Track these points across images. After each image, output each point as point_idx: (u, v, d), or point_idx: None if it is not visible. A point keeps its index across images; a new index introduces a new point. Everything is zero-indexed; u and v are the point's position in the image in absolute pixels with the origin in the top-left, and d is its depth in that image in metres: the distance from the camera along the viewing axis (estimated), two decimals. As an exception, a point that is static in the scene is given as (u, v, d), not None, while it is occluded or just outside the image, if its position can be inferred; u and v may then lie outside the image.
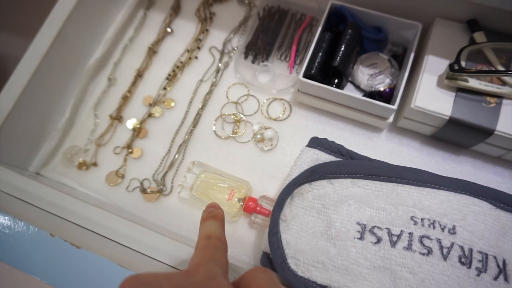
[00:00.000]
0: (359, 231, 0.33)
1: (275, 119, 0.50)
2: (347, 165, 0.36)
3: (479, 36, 0.42)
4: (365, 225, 0.33)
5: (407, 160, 0.46)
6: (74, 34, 0.49)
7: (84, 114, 0.52)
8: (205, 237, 0.23)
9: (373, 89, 0.47)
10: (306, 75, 0.44)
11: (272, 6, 0.53)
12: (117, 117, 0.52)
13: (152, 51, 0.54)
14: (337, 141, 0.47)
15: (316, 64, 0.44)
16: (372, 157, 0.47)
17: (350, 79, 0.49)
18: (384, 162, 0.38)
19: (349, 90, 0.49)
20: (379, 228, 0.33)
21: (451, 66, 0.40)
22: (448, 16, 0.45)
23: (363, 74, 0.48)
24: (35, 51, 0.46)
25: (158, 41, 0.55)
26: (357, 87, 0.49)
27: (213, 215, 0.26)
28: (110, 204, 0.48)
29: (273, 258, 0.33)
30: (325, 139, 0.40)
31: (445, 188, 0.34)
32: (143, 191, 0.48)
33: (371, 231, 0.33)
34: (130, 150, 0.50)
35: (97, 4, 0.51)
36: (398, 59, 0.49)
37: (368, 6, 0.46)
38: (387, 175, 0.35)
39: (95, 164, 0.50)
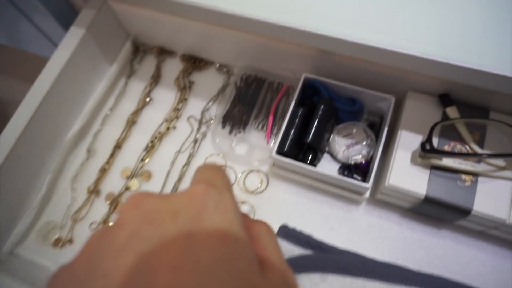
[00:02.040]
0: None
1: (252, 192, 0.49)
2: (316, 259, 0.35)
3: (452, 111, 0.42)
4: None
5: (387, 235, 0.45)
6: (53, 109, 0.49)
7: (61, 187, 0.52)
8: (202, 180, 0.18)
9: (349, 161, 0.47)
10: (279, 152, 0.44)
11: (250, 75, 0.54)
12: (95, 191, 0.51)
13: (131, 121, 0.55)
14: (315, 215, 0.47)
15: (289, 140, 0.44)
16: (352, 232, 0.46)
17: (327, 149, 0.48)
18: (355, 254, 0.37)
19: (326, 161, 0.48)
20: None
21: (422, 146, 0.39)
22: (420, 90, 0.44)
23: (340, 145, 0.47)
24: (12, 130, 0.46)
25: (138, 111, 0.55)
26: (334, 158, 0.48)
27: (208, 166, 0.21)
28: None
29: None
30: (294, 229, 0.39)
31: (417, 285, 0.33)
32: (118, 269, 0.47)
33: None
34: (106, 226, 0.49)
35: (79, 76, 0.52)
36: (376, 128, 0.48)
37: (341, 79, 0.46)
38: (357, 270, 0.34)
39: (70, 241, 0.49)
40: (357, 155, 0.46)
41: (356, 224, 0.46)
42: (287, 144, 0.44)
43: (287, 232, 0.38)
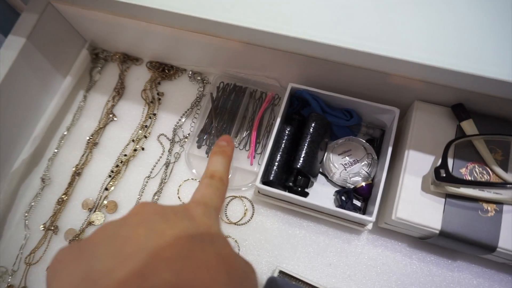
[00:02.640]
0: None
1: (235, 223, 0.42)
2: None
3: (469, 126, 0.35)
4: None
5: (394, 269, 0.39)
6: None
7: (12, 225, 0.44)
8: (210, 175, 0.25)
9: (347, 185, 0.40)
10: (264, 181, 0.37)
11: (228, 84, 0.46)
12: (52, 227, 0.44)
13: (92, 143, 0.47)
14: (309, 248, 0.40)
15: (276, 167, 0.37)
16: (353, 267, 0.39)
17: (321, 170, 0.41)
18: None
19: (320, 184, 0.41)
20: None
21: (436, 172, 0.32)
22: (429, 100, 0.37)
23: (335, 165, 0.40)
24: None
25: (100, 130, 0.48)
26: (330, 180, 0.41)
27: (222, 150, 0.27)
28: None
29: None
30: (282, 281, 0.32)
31: None
32: (81, 322, 0.40)
33: None
34: (66, 269, 0.42)
35: (24, 93, 0.43)
36: (376, 143, 0.41)
37: (334, 90, 0.39)
38: None
39: (24, 289, 0.42)
40: (356, 177, 0.40)
41: (358, 257, 0.40)
42: (273, 171, 0.37)
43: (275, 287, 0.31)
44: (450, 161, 0.34)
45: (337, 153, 0.41)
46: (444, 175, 0.32)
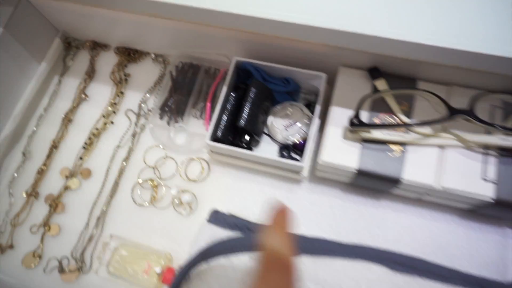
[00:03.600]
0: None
1: (193, 181, 0.48)
2: (244, 240, 0.35)
3: (380, 84, 0.42)
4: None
5: (328, 211, 0.45)
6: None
7: (-2, 194, 0.50)
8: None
9: (287, 141, 0.46)
10: (213, 139, 0.43)
11: (185, 63, 0.53)
12: (33, 193, 0.50)
13: (67, 120, 0.53)
14: (256, 198, 0.47)
15: (223, 126, 0.44)
16: (296, 210, 0.46)
17: (266, 131, 0.48)
18: None
19: (266, 143, 0.48)
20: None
21: (351, 122, 0.39)
22: (351, 65, 0.44)
23: (277, 126, 0.47)
24: None
25: (74, 109, 0.54)
26: (274, 139, 0.48)
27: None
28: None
29: None
30: (222, 214, 0.39)
31: (341, 256, 0.33)
32: (61, 271, 0.46)
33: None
34: (47, 228, 0.48)
35: (3, 78, 0.49)
36: (312, 106, 0.48)
37: (274, 61, 0.46)
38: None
39: (11, 247, 0.48)
40: (296, 134, 0.46)
41: (299, 203, 0.46)
42: (221, 130, 0.43)
43: (217, 217, 0.38)
44: (366, 114, 0.41)
45: (279, 116, 0.48)
46: (356, 122, 0.39)
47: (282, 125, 0.47)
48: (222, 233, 0.37)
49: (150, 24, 0.49)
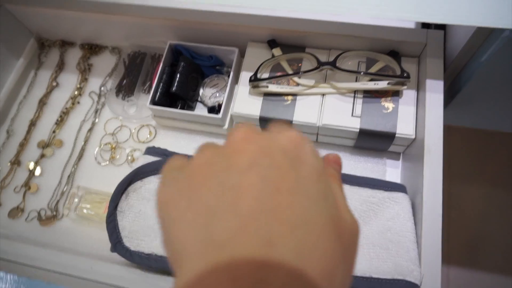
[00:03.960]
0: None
1: (143, 142, 0.60)
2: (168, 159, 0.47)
3: (276, 51, 0.55)
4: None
5: (248, 156, 0.57)
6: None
7: (-13, 164, 0.62)
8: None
9: (214, 104, 0.59)
10: (152, 102, 0.56)
11: (135, 52, 0.65)
12: (16, 162, 0.62)
13: (42, 103, 0.65)
14: (193, 151, 0.58)
15: (159, 93, 0.56)
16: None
17: (200, 100, 0.60)
18: None
19: (199, 109, 0.60)
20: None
21: (250, 78, 0.52)
22: (256, 39, 0.57)
23: (207, 94, 0.59)
24: None
25: (47, 94, 0.66)
26: (206, 105, 0.60)
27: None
28: (12, 236, 0.57)
29: (110, 240, 0.43)
30: (155, 147, 0.51)
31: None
32: (40, 219, 0.57)
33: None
34: (27, 187, 0.60)
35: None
36: (235, 78, 0.60)
37: (197, 41, 0.58)
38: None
39: (-1, 204, 0.59)
40: (220, 98, 0.59)
41: (226, 153, 0.58)
42: (157, 96, 0.56)
43: (151, 150, 0.50)
44: (266, 75, 0.54)
45: (208, 86, 0.60)
46: (253, 78, 0.51)
47: (211, 93, 0.60)
48: (153, 159, 0.49)
49: (106, 22, 0.62)
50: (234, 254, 0.15)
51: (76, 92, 0.65)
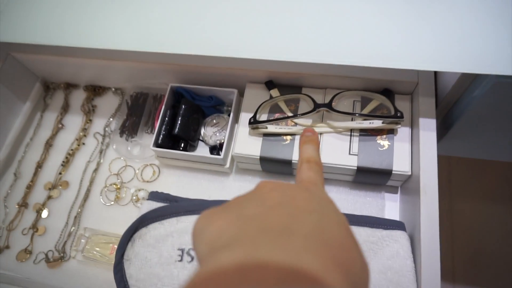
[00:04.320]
0: (179, 255, 0.44)
1: (147, 181, 0.62)
2: (171, 207, 0.48)
3: (274, 92, 0.57)
4: (183, 249, 0.45)
5: (250, 193, 0.59)
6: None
7: (-5, 207, 0.64)
8: (306, 160, 0.28)
9: (216, 143, 0.61)
10: (155, 145, 0.57)
11: (138, 93, 0.68)
12: (23, 204, 0.63)
13: (48, 145, 0.67)
14: (195, 189, 0.60)
15: (161, 135, 0.58)
16: (225, 196, 0.59)
17: (202, 139, 0.62)
18: (199, 199, 0.51)
19: (202, 148, 0.62)
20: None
21: (249, 121, 0.53)
22: (254, 81, 0.59)
23: (208, 133, 0.61)
24: None
25: (53, 136, 0.68)
26: (207, 144, 0.62)
27: (310, 139, 0.31)
28: (21, 279, 0.58)
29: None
30: (158, 192, 0.52)
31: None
32: (47, 261, 0.58)
33: (188, 252, 0.44)
34: (35, 229, 0.61)
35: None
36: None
37: (198, 83, 0.61)
38: (199, 209, 0.47)
39: (7, 247, 0.61)
40: (221, 137, 0.60)
41: (229, 190, 0.60)
42: (161, 138, 0.58)
43: (154, 195, 0.52)
44: (265, 116, 0.56)
45: (210, 125, 0.62)
46: (252, 121, 0.53)
47: (212, 132, 0.61)
48: (156, 205, 0.50)
49: (108, 66, 0.65)
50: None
51: (81, 133, 0.67)
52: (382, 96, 0.53)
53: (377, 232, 0.46)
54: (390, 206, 0.55)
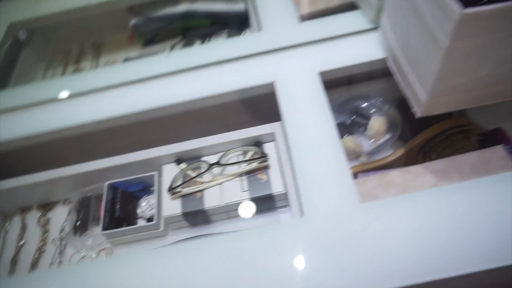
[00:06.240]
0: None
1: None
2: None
3: (182, 165, 0.78)
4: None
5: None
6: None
7: None
8: None
9: (151, 216, 0.79)
10: (103, 229, 0.75)
11: (82, 197, 0.85)
12: (2, 315, 0.74)
13: (14, 262, 0.81)
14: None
15: (107, 222, 0.75)
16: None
17: (139, 216, 0.80)
18: None
19: (141, 222, 0.80)
20: None
21: (167, 189, 0.74)
22: (168, 162, 0.81)
23: (143, 209, 0.80)
24: None
25: (17, 253, 0.82)
26: (145, 218, 0.80)
27: None
28: None
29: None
30: None
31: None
32: None
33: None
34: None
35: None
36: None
37: (128, 175, 0.81)
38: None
39: None
40: (153, 210, 0.79)
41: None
42: (107, 222, 0.75)
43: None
44: (179, 181, 0.76)
45: (143, 204, 0.81)
46: (169, 189, 0.73)
47: (146, 208, 0.80)
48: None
49: (51, 184, 0.83)
50: None
51: (41, 243, 0.82)
52: (255, 147, 0.77)
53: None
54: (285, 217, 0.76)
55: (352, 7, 0.85)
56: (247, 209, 0.76)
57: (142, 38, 0.98)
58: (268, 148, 0.78)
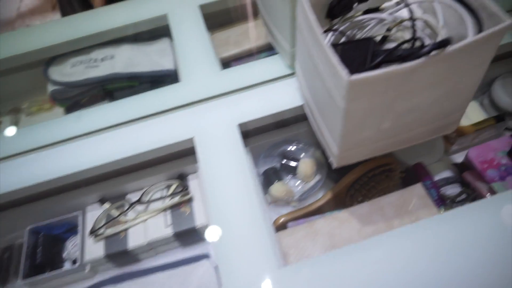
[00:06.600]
0: None
1: (29, 310, 0.75)
2: None
3: (106, 205, 0.77)
4: None
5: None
6: None
7: None
8: None
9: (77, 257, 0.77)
10: (23, 277, 0.72)
11: (3, 248, 0.83)
12: None
13: None
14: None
15: (28, 269, 0.73)
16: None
17: (65, 258, 0.78)
18: None
19: (68, 264, 0.78)
20: None
21: (89, 232, 0.73)
22: (92, 202, 0.79)
23: (69, 251, 0.78)
24: None
25: None
26: (71, 260, 0.78)
27: None
28: None
29: None
30: None
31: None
32: None
33: None
34: None
35: None
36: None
37: (51, 217, 0.79)
38: None
39: None
40: (77, 252, 0.78)
41: (97, 290, 0.75)
42: (27, 271, 0.73)
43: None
44: (104, 221, 0.75)
45: (69, 245, 0.79)
46: (93, 231, 0.72)
47: (71, 249, 0.78)
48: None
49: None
50: None
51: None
52: (179, 180, 0.77)
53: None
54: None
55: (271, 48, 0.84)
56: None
57: (64, 104, 0.92)
58: (192, 179, 0.78)
